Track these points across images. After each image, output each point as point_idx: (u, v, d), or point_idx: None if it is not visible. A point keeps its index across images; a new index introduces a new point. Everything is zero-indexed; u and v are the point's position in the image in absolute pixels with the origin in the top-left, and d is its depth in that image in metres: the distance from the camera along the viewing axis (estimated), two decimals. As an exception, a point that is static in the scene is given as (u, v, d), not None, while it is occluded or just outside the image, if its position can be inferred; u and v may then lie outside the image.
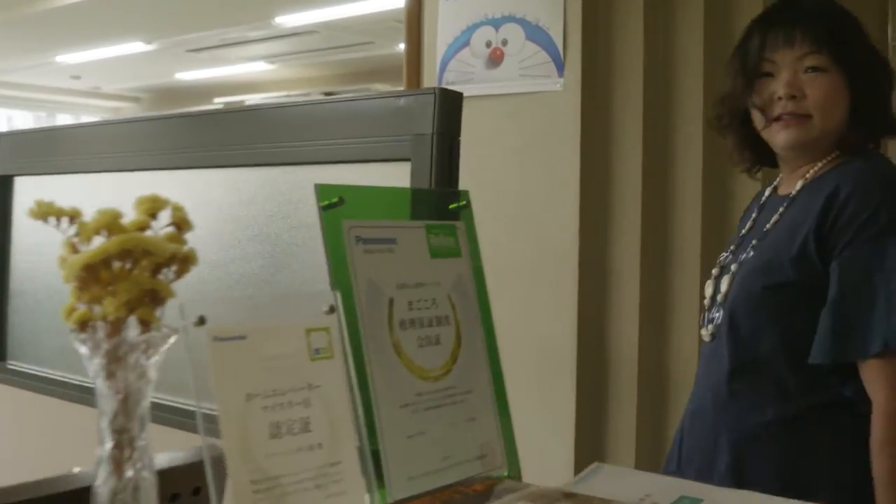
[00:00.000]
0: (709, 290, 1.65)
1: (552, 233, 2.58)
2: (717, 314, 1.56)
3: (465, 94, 2.75)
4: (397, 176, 1.26)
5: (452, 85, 2.76)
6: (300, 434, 0.84)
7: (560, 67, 2.55)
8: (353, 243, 0.99)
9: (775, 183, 1.71)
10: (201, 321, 0.80)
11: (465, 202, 1.15)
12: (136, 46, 6.87)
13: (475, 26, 2.72)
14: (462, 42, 2.75)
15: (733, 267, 1.57)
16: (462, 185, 2.86)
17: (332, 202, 0.98)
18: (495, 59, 2.68)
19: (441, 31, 2.80)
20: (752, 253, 1.55)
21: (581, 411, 2.54)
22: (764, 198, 1.70)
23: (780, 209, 1.57)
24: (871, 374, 1.41)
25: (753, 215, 1.68)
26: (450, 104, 1.23)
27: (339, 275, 0.97)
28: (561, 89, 2.55)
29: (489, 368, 1.12)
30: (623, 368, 2.57)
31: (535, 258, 2.61)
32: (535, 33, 2.59)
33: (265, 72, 8.27)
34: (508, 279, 2.66)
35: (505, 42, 2.66)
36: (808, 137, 1.54)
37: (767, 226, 1.57)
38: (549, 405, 2.56)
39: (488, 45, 2.69)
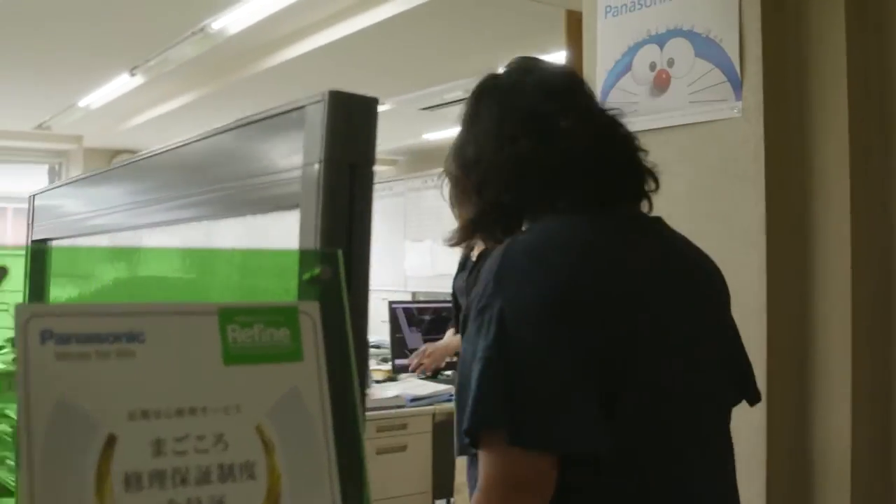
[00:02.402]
0: None
1: (732, 299, 2.01)
2: None
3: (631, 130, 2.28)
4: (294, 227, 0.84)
5: (614, 119, 2.28)
6: None
7: (737, 88, 2.00)
8: (36, 342, 0.58)
9: None
10: None
11: (319, 271, 0.71)
12: (372, 107, 6.82)
13: (637, 46, 2.23)
14: (624, 66, 2.27)
15: None
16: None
17: (-11, 273, 0.58)
18: (661, 83, 2.18)
19: (601, 55, 2.33)
20: None
21: (774, 533, 1.93)
22: None
23: None
24: None
25: None
26: (351, 116, 0.80)
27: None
28: (739, 116, 1.99)
29: (345, 550, 0.66)
30: (831, 475, 1.93)
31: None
32: (706, 47, 2.06)
33: (509, 127, 8.00)
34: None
35: (671, 62, 2.15)
36: None
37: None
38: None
39: (652, 67, 2.19)
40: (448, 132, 8.40)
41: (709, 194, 2.06)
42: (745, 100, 1.98)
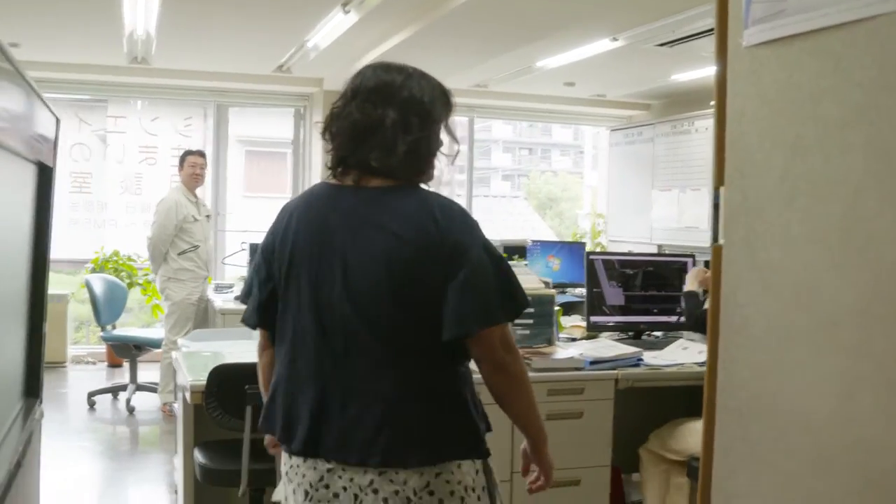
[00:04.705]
0: None
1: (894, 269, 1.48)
2: None
3: (774, 38, 1.77)
4: None
5: (760, 24, 1.77)
6: None
7: (906, -33, 1.44)
8: None
9: None
10: None
11: None
12: (604, 45, 6.33)
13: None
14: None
15: None
16: (761, 183, 1.84)
17: None
18: (813, -29, 1.64)
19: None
20: None
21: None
22: None
23: None
24: None
25: None
26: None
27: None
28: (908, 9, 1.44)
29: None
30: None
31: (861, 313, 1.52)
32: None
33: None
34: (816, 345, 1.61)
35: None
36: None
37: None
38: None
39: (805, -51, 1.66)
40: (698, 72, 7.65)
41: (866, 125, 1.52)
42: (916, -15, 1.43)
